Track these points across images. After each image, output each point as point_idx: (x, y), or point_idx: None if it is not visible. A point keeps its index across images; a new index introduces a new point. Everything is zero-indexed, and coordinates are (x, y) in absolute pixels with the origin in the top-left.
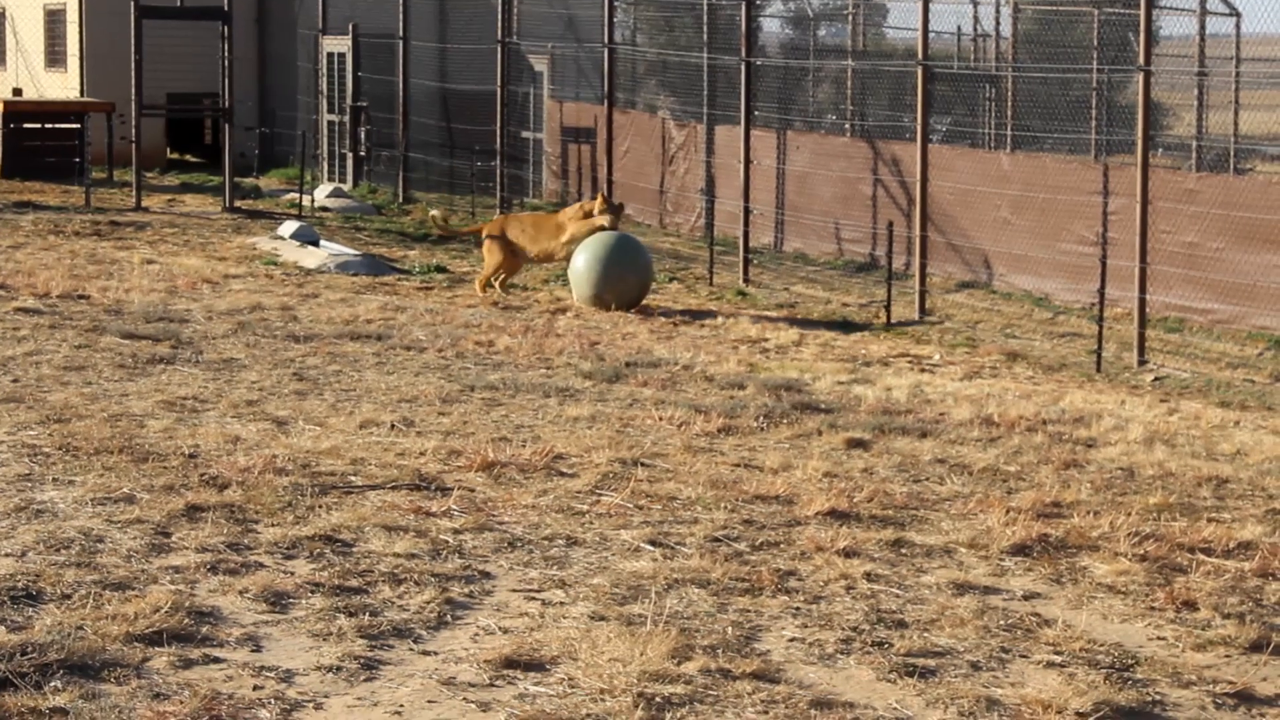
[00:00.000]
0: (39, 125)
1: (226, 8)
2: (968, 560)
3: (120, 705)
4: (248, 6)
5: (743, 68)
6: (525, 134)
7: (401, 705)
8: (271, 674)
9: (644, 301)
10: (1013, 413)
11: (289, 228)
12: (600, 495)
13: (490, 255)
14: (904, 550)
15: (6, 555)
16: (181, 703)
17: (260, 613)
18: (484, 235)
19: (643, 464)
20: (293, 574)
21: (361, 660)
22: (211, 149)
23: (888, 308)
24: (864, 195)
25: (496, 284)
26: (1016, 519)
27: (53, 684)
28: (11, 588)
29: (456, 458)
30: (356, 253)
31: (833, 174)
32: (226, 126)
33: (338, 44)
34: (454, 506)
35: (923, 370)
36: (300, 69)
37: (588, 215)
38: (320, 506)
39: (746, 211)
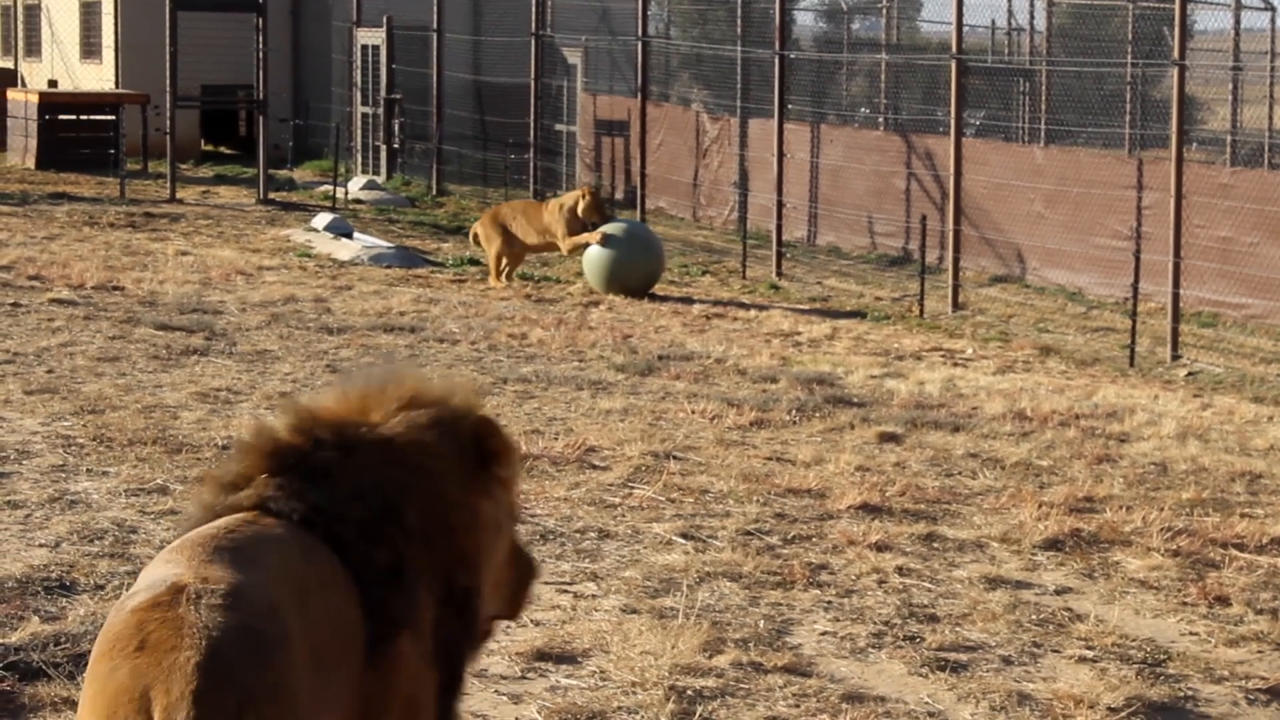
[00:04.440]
0: (74, 117)
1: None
2: (1000, 555)
3: None
4: None
5: (776, 61)
6: (559, 127)
7: None
8: None
9: (677, 293)
10: (1045, 407)
11: (323, 220)
12: (632, 488)
13: (489, 244)
14: (936, 544)
15: (41, 546)
16: None
17: None
18: (474, 231)
19: (675, 457)
20: None
21: None
22: (246, 141)
23: (921, 302)
24: (897, 189)
25: (504, 274)
26: (1049, 514)
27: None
28: (45, 578)
29: None
30: (390, 245)
31: (866, 168)
32: (261, 118)
33: (372, 36)
34: None
35: (955, 364)
36: (335, 61)
37: (571, 210)
38: None
39: (780, 205)
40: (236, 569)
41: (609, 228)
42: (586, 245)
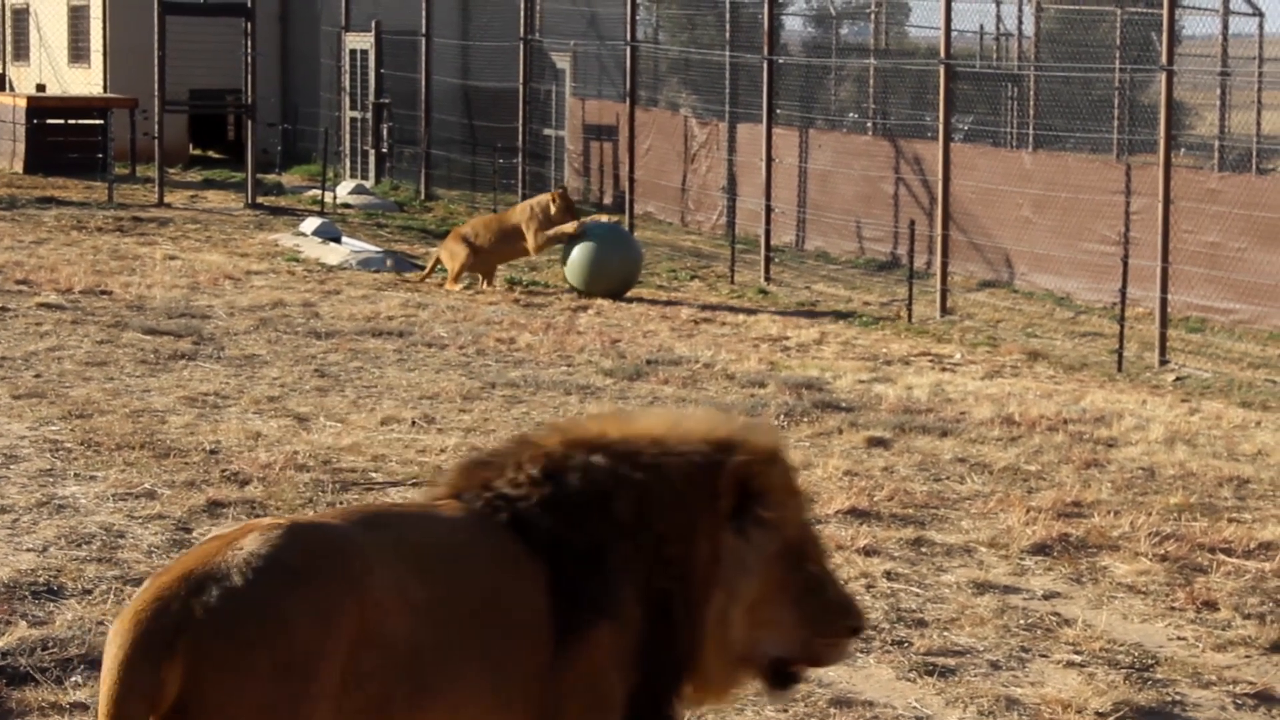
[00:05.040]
0: (62, 121)
1: (249, 4)
2: (988, 559)
3: None
4: (271, 3)
5: (765, 66)
6: (547, 131)
7: None
8: None
9: (665, 297)
10: (1034, 412)
11: (311, 224)
12: None
13: (453, 261)
14: (924, 549)
15: (28, 550)
16: None
17: None
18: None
19: None
20: None
21: None
22: (234, 145)
23: (909, 306)
24: (886, 194)
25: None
26: (1037, 518)
27: (73, 679)
28: (33, 583)
29: None
30: (378, 249)
31: (854, 173)
32: (249, 123)
33: (360, 41)
34: None
35: (944, 369)
36: (323, 66)
37: (544, 209)
38: (341, 503)
39: (768, 210)
40: (345, 524)
41: (589, 225)
42: (556, 241)
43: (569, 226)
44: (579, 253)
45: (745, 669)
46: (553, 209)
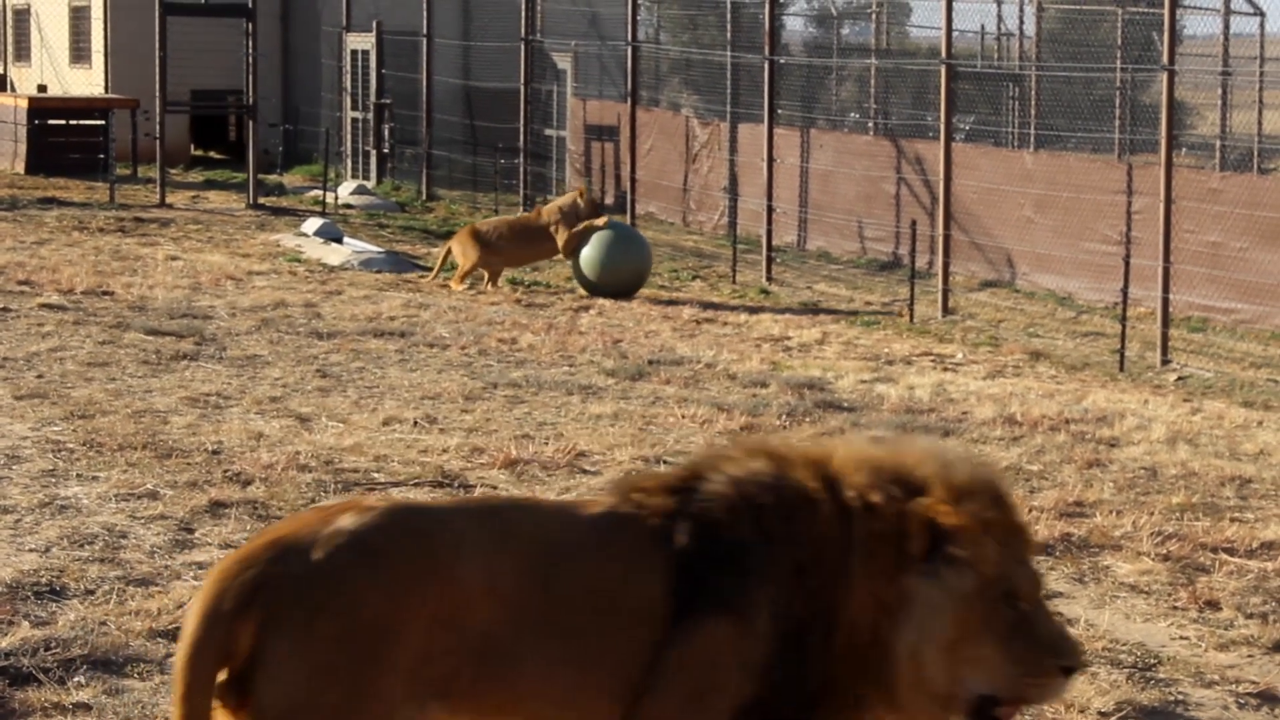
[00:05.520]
0: (63, 122)
1: (251, 4)
2: None
3: (143, 701)
4: (272, 3)
5: (766, 66)
6: (548, 132)
7: None
8: None
9: (667, 297)
10: (1036, 412)
11: (313, 224)
12: None
13: (465, 259)
14: None
15: (31, 551)
16: None
17: None
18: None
19: (665, 462)
20: None
21: None
22: (235, 146)
23: (911, 306)
24: (887, 194)
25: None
26: (1039, 518)
27: (76, 679)
28: (35, 583)
29: (479, 455)
30: (380, 250)
31: (856, 172)
32: (250, 123)
33: (362, 41)
34: None
35: (946, 369)
36: (324, 66)
37: (571, 207)
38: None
39: (770, 210)
40: (449, 511)
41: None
42: (584, 237)
43: (599, 220)
44: (591, 250)
45: (950, 707)
46: (580, 204)
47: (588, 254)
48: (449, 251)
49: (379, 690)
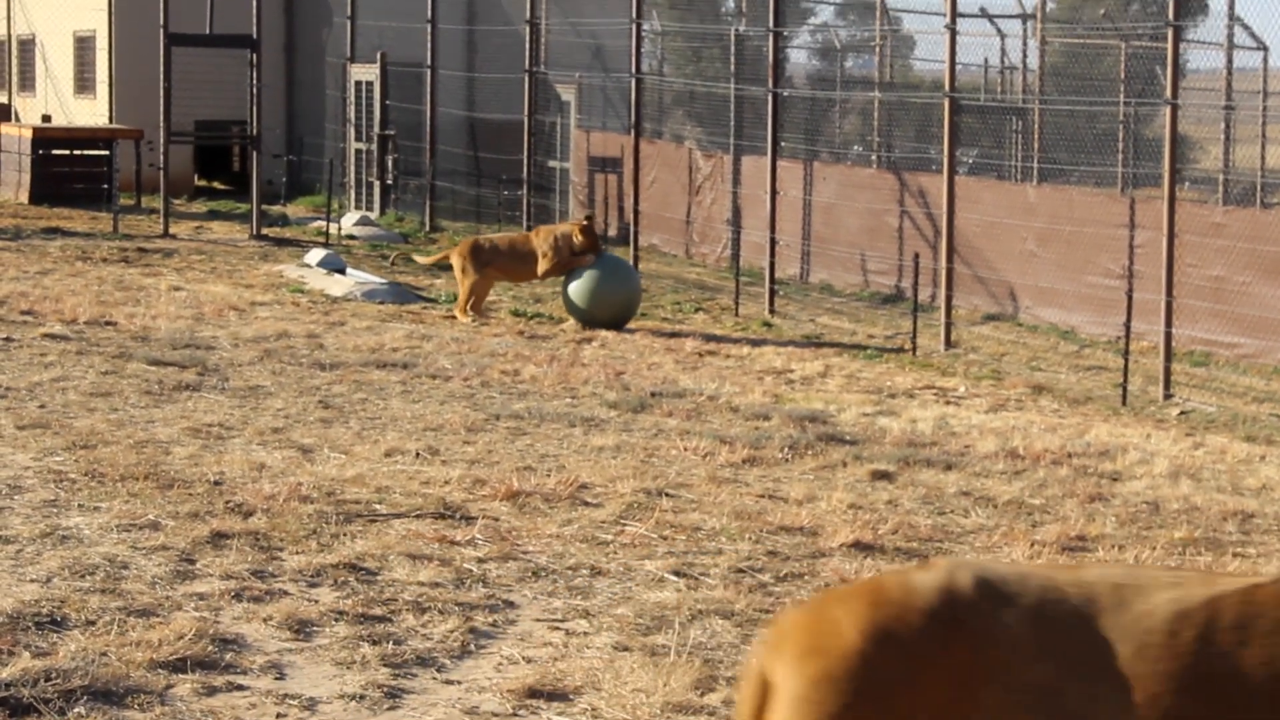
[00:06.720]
0: (67, 152)
1: (255, 35)
2: None
3: None
4: (277, 34)
5: (769, 98)
6: (552, 163)
7: None
8: (295, 702)
9: (669, 329)
10: (1038, 445)
11: (316, 255)
12: (625, 525)
13: (465, 276)
14: None
15: (32, 581)
16: None
17: (284, 640)
18: (453, 258)
19: (667, 494)
20: (317, 602)
21: (385, 689)
22: (239, 176)
23: (913, 340)
24: (890, 227)
25: (470, 309)
26: (1041, 552)
27: (76, 710)
28: (36, 613)
29: (481, 487)
30: (383, 281)
31: (859, 205)
32: (254, 154)
33: (366, 72)
34: (478, 535)
35: (948, 402)
36: (328, 97)
37: (566, 238)
38: (345, 534)
39: (773, 242)
40: (1044, 583)
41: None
42: (564, 271)
43: (587, 259)
44: (582, 281)
45: None
46: (575, 240)
47: (579, 285)
48: (445, 256)
49: None
